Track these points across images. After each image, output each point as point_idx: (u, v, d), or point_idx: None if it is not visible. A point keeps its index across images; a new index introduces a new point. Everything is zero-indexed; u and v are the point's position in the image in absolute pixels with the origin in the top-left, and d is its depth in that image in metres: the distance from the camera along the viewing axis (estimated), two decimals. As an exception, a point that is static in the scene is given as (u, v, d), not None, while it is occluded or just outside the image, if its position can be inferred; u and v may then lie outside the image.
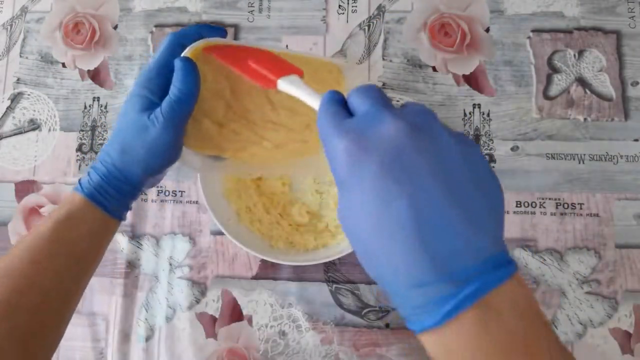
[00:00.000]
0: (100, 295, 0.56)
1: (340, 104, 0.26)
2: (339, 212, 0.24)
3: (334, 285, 0.54)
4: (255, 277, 0.55)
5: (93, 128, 0.60)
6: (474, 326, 0.21)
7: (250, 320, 0.54)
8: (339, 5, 0.60)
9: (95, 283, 0.56)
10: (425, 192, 0.21)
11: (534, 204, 0.54)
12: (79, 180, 0.38)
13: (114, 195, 0.37)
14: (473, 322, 0.21)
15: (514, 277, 0.22)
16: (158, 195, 0.57)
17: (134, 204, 0.56)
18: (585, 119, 0.55)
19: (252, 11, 0.60)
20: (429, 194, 0.21)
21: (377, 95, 0.25)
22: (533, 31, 0.57)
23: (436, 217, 0.21)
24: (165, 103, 0.35)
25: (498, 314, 0.21)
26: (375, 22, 0.59)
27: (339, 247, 0.50)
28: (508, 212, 0.54)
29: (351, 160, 0.22)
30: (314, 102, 0.29)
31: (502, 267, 0.21)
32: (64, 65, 0.62)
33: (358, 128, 0.23)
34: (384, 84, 0.57)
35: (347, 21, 0.59)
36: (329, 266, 0.54)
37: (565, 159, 0.54)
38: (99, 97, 0.60)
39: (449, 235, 0.21)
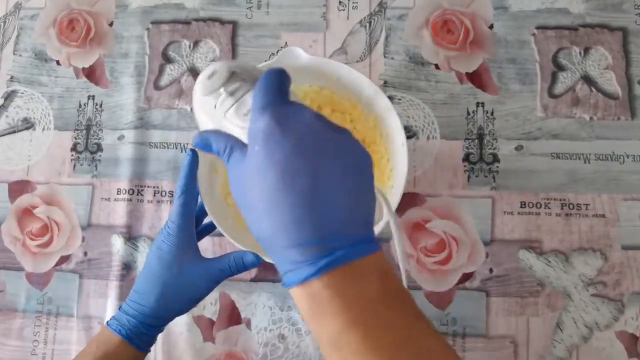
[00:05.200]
0: (96, 298, 0.55)
1: (279, 83, 0.29)
2: (236, 174, 0.28)
3: (335, 288, 0.53)
4: (254, 280, 0.53)
5: (88, 127, 0.59)
6: (342, 280, 0.25)
7: (248, 324, 0.53)
8: (340, 2, 0.58)
9: (90, 285, 0.55)
10: (324, 172, 0.26)
11: (538, 205, 0.53)
12: (114, 318, 0.41)
13: (150, 335, 0.41)
14: (342, 277, 0.25)
15: (379, 253, 0.27)
16: (154, 195, 0.56)
17: (129, 206, 0.56)
18: (590, 118, 0.54)
19: (250, 7, 0.59)
20: (328, 174, 0.26)
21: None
22: (538, 28, 0.56)
23: (328, 193, 0.26)
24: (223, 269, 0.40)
25: (363, 274, 0.26)
26: (376, 18, 0.58)
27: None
28: (513, 213, 0.53)
29: (269, 135, 0.26)
30: None
31: (370, 243, 0.27)
32: (58, 62, 0.61)
33: (285, 112, 0.27)
34: (385, 82, 0.56)
35: (348, 18, 0.58)
36: (329, 268, 0.53)
37: (571, 158, 0.53)
38: (94, 96, 0.59)
39: (335, 208, 0.26)
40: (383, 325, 0.25)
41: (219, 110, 0.32)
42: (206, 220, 0.47)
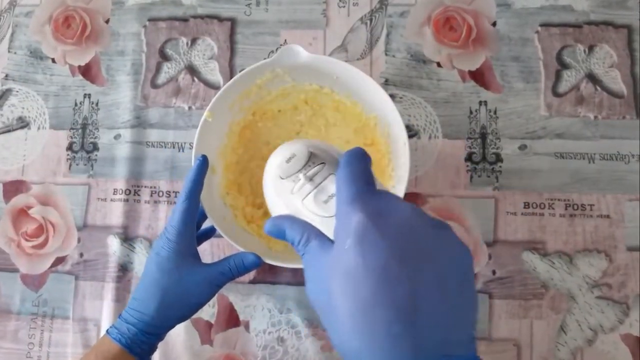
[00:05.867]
0: (91, 300, 0.54)
1: (364, 169, 0.26)
2: (317, 271, 0.25)
3: (335, 290, 0.52)
4: (253, 281, 0.53)
5: (84, 126, 0.58)
6: None
7: (247, 326, 0.52)
8: (340, -1, 0.57)
9: (86, 287, 0.54)
10: (426, 280, 0.22)
11: (542, 205, 0.52)
12: (114, 327, 0.40)
13: (150, 344, 0.40)
14: None
15: None
16: (151, 196, 0.55)
17: (126, 206, 0.55)
18: (595, 117, 0.53)
19: (249, 4, 0.58)
20: (430, 282, 0.22)
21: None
22: (541, 25, 0.55)
23: (430, 304, 0.22)
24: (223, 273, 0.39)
25: None
26: (377, 15, 0.57)
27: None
28: (516, 214, 0.52)
29: (363, 234, 0.23)
30: None
31: None
32: (53, 60, 0.60)
33: (378, 206, 0.24)
34: (386, 80, 0.55)
35: (348, 15, 0.57)
36: (329, 270, 0.52)
37: (575, 158, 0.53)
38: (90, 94, 0.58)
39: (437, 323, 0.22)
40: None
41: (297, 196, 0.30)
42: (205, 224, 0.47)
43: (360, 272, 0.23)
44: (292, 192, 0.30)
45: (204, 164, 0.41)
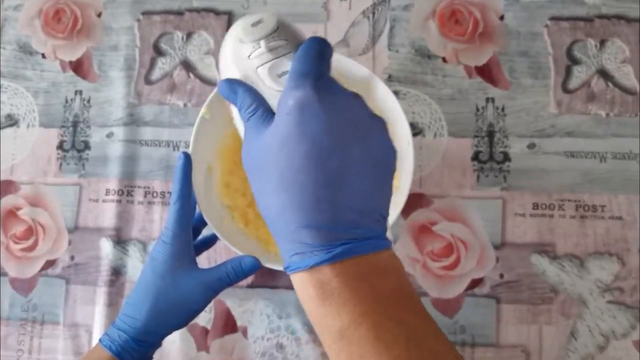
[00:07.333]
0: (83, 305, 0.52)
1: (324, 53, 0.27)
2: (255, 138, 0.27)
3: (336, 294, 0.50)
4: (251, 286, 0.51)
5: (75, 124, 0.56)
6: (355, 271, 0.24)
7: (245, 332, 0.50)
8: (341, -9, 0.56)
9: (77, 292, 0.52)
10: (355, 157, 0.25)
11: (552, 206, 0.50)
12: (106, 333, 0.38)
13: (143, 352, 0.38)
14: (355, 269, 0.24)
15: (391, 251, 0.26)
16: (145, 196, 0.53)
17: (118, 207, 0.53)
18: (607, 114, 0.52)
19: (247, -3, 0.57)
20: (357, 160, 0.25)
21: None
22: (551, 19, 0.54)
23: (354, 179, 0.25)
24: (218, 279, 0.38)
25: (377, 269, 0.25)
26: (380, 9, 0.55)
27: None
28: (524, 215, 0.50)
29: (306, 103, 0.25)
30: None
31: (385, 240, 0.26)
32: (43, 56, 0.58)
33: (326, 85, 0.26)
34: (389, 76, 0.54)
35: (350, 8, 0.55)
36: (330, 273, 0.50)
37: (586, 157, 0.51)
38: (81, 91, 0.57)
39: (357, 196, 0.25)
40: (393, 322, 0.24)
41: (253, 61, 0.30)
42: (205, 232, 0.45)
43: (297, 138, 0.24)
44: (249, 57, 0.30)
45: (186, 161, 0.39)
